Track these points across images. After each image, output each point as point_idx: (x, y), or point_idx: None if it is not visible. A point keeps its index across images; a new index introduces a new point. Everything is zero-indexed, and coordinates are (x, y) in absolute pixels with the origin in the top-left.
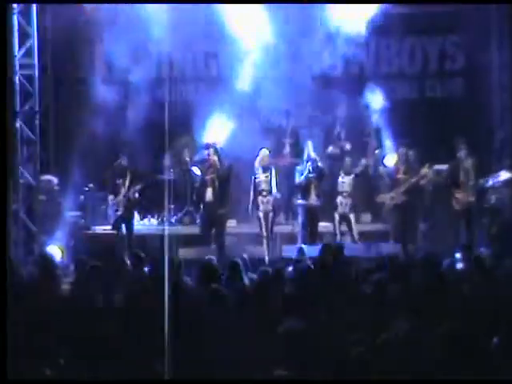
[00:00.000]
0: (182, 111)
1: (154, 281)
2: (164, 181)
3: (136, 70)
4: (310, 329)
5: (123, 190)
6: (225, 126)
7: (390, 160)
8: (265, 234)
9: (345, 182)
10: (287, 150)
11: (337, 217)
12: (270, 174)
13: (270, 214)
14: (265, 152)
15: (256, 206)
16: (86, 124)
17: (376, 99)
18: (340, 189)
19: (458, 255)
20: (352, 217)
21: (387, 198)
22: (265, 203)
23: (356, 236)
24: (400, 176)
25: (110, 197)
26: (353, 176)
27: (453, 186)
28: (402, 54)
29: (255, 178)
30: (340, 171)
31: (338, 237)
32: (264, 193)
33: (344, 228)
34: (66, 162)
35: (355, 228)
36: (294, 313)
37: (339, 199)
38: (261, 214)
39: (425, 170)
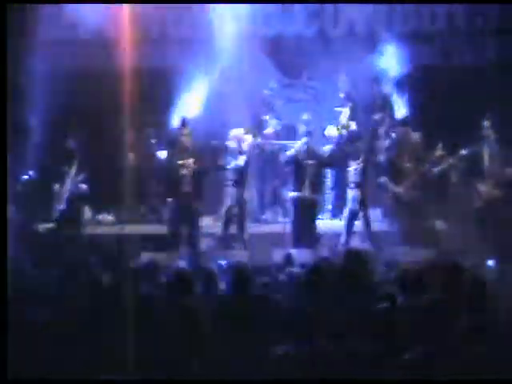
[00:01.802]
0: (148, 80)
1: (110, 293)
2: (122, 168)
3: (89, 26)
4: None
5: (68, 180)
6: (200, 98)
7: None
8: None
9: (356, 170)
10: (270, 129)
11: (345, 213)
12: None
13: (235, 210)
14: (237, 132)
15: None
16: (24, 93)
17: (388, 66)
18: (350, 179)
19: (489, 263)
20: (364, 213)
21: (394, 193)
22: (229, 195)
23: (371, 236)
24: (406, 164)
25: (54, 187)
26: (362, 164)
27: (475, 177)
28: (420, 10)
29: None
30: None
31: (343, 238)
32: (228, 182)
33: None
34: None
35: (369, 227)
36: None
37: (349, 192)
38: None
39: (438, 154)
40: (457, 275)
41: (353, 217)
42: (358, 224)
